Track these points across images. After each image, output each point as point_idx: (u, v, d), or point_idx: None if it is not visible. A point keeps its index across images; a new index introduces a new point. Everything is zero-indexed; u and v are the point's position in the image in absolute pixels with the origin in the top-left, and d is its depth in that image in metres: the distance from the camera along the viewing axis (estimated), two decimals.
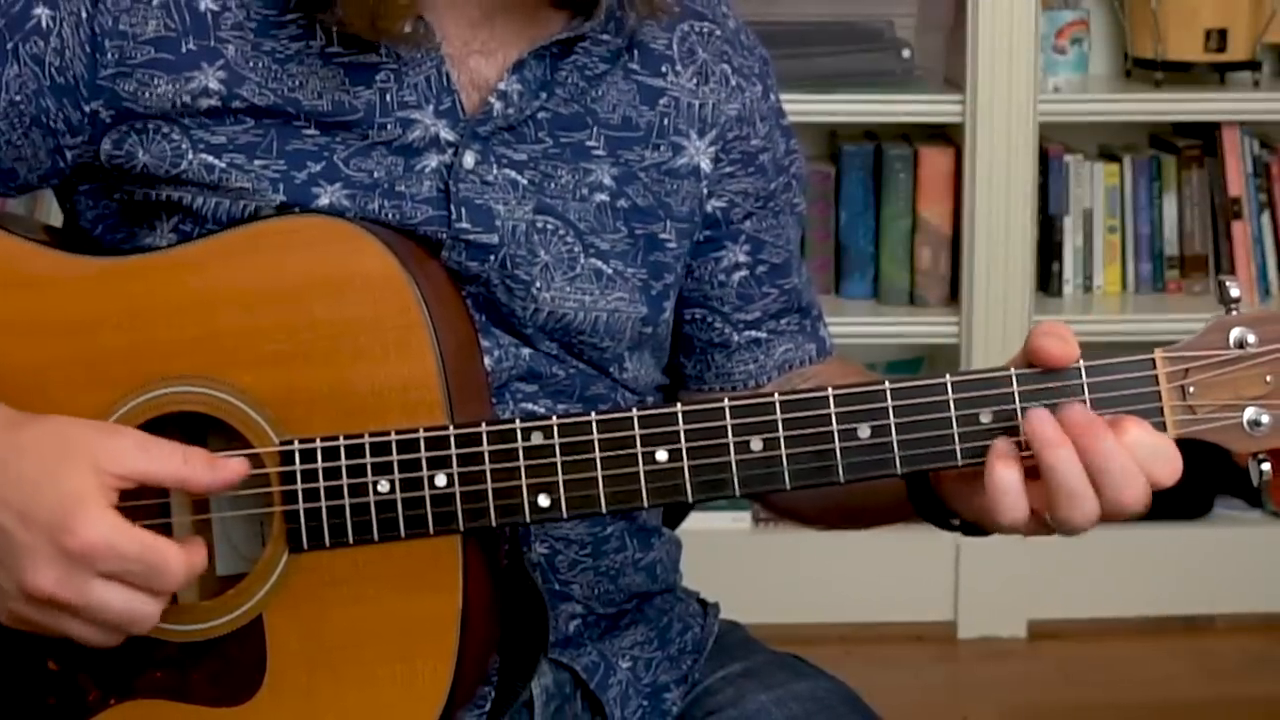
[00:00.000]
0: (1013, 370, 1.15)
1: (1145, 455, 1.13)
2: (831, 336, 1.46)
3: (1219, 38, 3.00)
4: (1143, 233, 3.10)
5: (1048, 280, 3.08)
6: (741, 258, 1.39)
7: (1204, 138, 3.11)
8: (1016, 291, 2.96)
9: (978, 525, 1.20)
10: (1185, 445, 1.15)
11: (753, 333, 1.40)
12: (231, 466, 1.16)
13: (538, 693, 1.32)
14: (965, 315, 2.98)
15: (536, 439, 1.17)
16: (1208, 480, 3.11)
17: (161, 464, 1.15)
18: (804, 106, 2.82)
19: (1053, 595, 3.03)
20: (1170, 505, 3.03)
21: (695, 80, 1.35)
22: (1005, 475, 1.13)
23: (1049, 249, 3.07)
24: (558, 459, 1.17)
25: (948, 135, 3.07)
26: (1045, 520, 1.14)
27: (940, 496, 1.21)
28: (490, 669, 1.27)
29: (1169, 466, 1.13)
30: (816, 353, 1.43)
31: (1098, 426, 1.12)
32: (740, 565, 2.99)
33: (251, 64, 1.25)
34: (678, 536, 1.45)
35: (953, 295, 3.05)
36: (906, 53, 3.03)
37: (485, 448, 1.17)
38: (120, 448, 1.14)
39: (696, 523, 1.50)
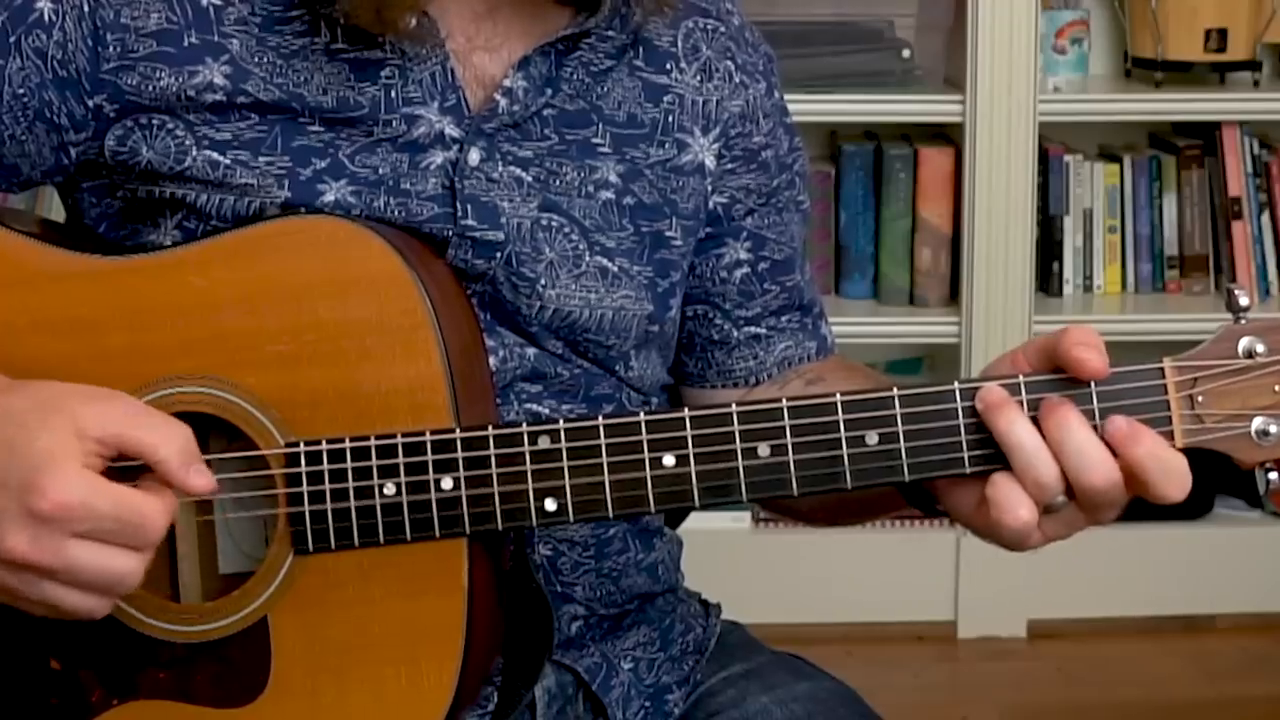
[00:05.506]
0: (1021, 378, 1.14)
1: (1157, 469, 1.12)
2: (833, 334, 1.45)
3: (1219, 38, 3.00)
4: (1143, 233, 3.09)
5: (1048, 280, 3.08)
6: (743, 254, 1.38)
7: (1204, 138, 3.10)
8: (1016, 291, 2.96)
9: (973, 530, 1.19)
10: (1188, 449, 1.14)
11: (752, 329, 1.40)
12: (204, 480, 1.12)
13: (540, 694, 1.31)
14: (965, 315, 2.98)
15: (543, 443, 1.16)
16: (1208, 480, 3.10)
17: (143, 434, 1.11)
18: (804, 106, 2.80)
19: (1053, 595, 3.03)
20: (1170, 505, 3.02)
21: (699, 77, 1.34)
22: (1003, 479, 1.12)
23: (1049, 249, 3.07)
24: (564, 463, 1.16)
25: (948, 135, 3.07)
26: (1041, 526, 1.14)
27: (931, 491, 1.20)
28: (493, 670, 1.27)
29: (1178, 482, 1.13)
30: (817, 350, 1.43)
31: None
32: (740, 565, 2.99)
33: (256, 59, 1.24)
34: (679, 536, 1.45)
35: (953, 295, 3.04)
36: (906, 53, 3.02)
37: (492, 451, 1.16)
38: (105, 410, 1.11)
39: (697, 523, 1.49)
